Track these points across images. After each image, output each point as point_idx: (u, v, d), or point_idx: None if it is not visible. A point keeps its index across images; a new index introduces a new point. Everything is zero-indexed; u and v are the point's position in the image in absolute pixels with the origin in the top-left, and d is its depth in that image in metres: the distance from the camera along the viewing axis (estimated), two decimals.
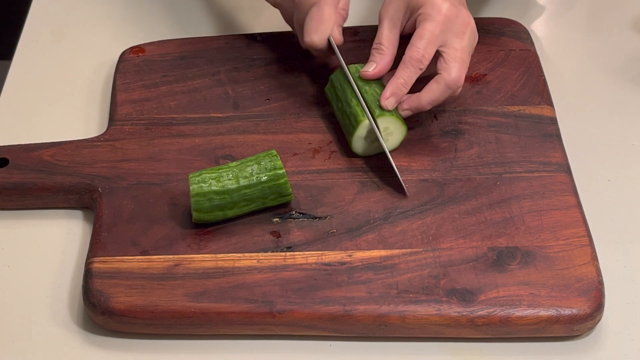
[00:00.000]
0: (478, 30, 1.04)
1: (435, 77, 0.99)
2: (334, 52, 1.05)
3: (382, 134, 1.00)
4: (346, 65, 1.04)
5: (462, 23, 1.00)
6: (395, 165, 0.98)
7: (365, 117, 0.99)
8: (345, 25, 1.17)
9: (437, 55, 1.00)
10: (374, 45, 1.03)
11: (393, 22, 1.03)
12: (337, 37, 1.05)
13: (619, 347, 0.89)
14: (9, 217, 1.01)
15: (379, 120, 0.99)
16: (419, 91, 1.00)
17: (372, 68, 1.02)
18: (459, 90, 1.00)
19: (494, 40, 1.13)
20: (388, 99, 0.99)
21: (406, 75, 0.99)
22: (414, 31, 1.00)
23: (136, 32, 1.21)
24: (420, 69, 0.99)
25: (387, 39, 1.02)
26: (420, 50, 0.98)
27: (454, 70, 0.98)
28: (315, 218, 0.96)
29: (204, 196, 0.93)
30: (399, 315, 0.88)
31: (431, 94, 0.99)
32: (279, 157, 0.95)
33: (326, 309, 0.88)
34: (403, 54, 1.00)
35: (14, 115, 1.12)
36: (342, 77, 1.03)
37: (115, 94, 1.09)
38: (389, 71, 1.02)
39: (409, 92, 1.00)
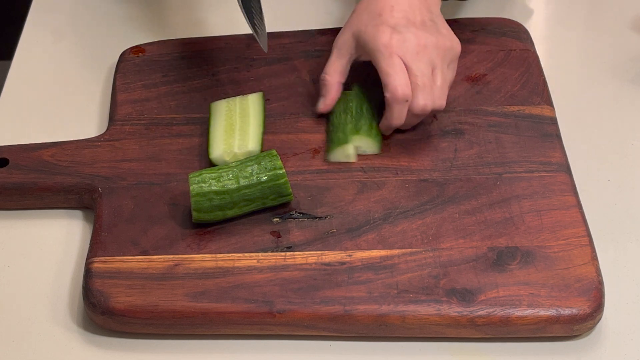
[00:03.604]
0: (478, 30, 1.04)
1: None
2: None
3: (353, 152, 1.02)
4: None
5: (412, 46, 0.99)
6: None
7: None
8: (343, 25, 1.17)
9: None
10: (321, 77, 1.04)
11: (340, 52, 1.04)
12: None
13: (619, 347, 0.89)
14: (9, 217, 1.01)
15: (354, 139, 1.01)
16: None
17: (322, 103, 1.04)
18: (437, 109, 1.00)
19: (494, 40, 1.13)
20: (384, 131, 1.02)
21: (397, 115, 0.99)
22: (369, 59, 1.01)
23: (136, 32, 1.21)
24: (406, 101, 0.98)
25: (332, 68, 1.04)
26: (396, 87, 0.98)
27: (418, 100, 0.98)
28: (315, 218, 0.96)
29: (204, 196, 0.93)
30: (399, 315, 0.88)
31: (386, 119, 1.01)
32: (279, 157, 0.95)
33: (326, 309, 0.88)
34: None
35: (14, 115, 1.12)
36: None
37: (115, 94, 1.10)
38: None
39: None
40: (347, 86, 1.05)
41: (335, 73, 1.04)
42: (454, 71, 1.03)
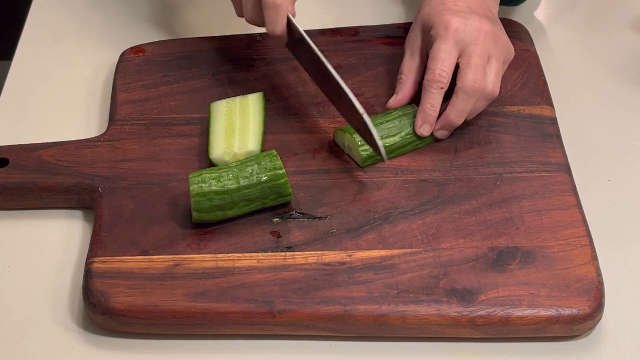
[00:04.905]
0: None
1: (454, 89, 0.99)
2: (291, 30, 1.02)
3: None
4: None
5: (472, 30, 0.99)
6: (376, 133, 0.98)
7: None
8: (346, 25, 1.17)
9: (457, 67, 1.00)
10: (398, 76, 1.05)
11: (412, 50, 1.05)
12: (292, 11, 1.02)
13: (619, 347, 0.89)
14: (9, 217, 1.01)
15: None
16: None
17: (394, 98, 1.04)
18: (489, 94, 1.00)
19: None
20: (421, 127, 1.01)
21: (429, 99, 1.00)
22: None
23: (136, 32, 1.21)
24: (442, 88, 0.99)
25: (406, 67, 1.04)
26: (435, 71, 0.99)
27: (468, 77, 0.98)
28: (315, 218, 0.96)
29: (204, 196, 0.93)
30: (399, 315, 0.88)
31: (453, 107, 1.00)
32: (279, 157, 0.95)
33: (326, 309, 0.88)
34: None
35: (14, 115, 1.12)
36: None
37: (115, 94, 1.10)
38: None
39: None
40: None
41: (409, 72, 1.04)
42: (503, 71, 1.03)
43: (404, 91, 1.04)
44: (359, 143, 0.99)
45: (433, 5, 1.03)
